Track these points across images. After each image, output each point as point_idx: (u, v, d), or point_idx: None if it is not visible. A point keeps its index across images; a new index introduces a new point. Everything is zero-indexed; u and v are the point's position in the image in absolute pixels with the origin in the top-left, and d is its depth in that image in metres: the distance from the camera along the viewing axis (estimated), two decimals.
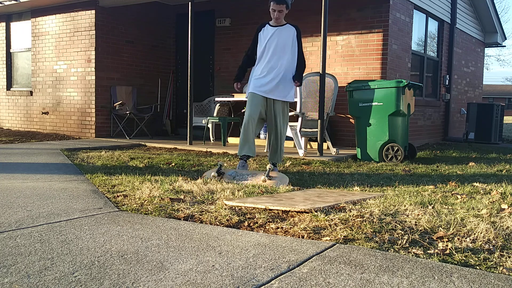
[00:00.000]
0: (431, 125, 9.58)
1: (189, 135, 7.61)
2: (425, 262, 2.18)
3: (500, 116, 10.16)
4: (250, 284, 1.89)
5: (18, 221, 2.80)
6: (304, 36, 8.16)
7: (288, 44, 4.84)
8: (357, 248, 2.38)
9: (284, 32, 4.86)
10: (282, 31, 4.86)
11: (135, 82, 9.37)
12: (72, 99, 9.06)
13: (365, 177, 4.86)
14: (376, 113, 6.26)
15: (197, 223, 2.87)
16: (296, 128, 6.60)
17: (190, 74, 7.54)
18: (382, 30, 7.44)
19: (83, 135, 8.92)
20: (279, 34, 4.85)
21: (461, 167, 5.86)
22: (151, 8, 9.53)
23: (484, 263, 2.19)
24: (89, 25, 8.68)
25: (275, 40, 4.84)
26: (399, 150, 6.17)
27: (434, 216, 3.02)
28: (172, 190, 3.82)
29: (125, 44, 9.17)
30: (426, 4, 8.74)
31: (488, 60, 56.22)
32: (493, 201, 3.55)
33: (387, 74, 7.43)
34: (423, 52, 9.19)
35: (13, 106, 10.27)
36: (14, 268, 2.02)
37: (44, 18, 9.49)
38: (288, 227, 2.79)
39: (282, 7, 4.78)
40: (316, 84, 6.53)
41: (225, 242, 2.45)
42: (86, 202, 3.37)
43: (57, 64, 9.28)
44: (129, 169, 5.12)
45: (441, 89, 9.94)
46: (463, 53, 10.93)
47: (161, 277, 1.95)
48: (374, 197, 3.60)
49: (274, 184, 4.19)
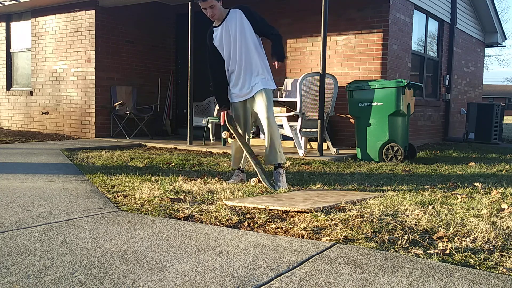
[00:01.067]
0: (431, 125, 9.58)
1: (189, 135, 7.61)
2: (425, 262, 2.18)
3: (500, 116, 10.16)
4: (250, 284, 1.89)
5: (18, 221, 2.80)
6: (304, 36, 8.17)
7: (242, 33, 4.15)
8: (357, 248, 2.38)
9: (231, 23, 4.17)
10: (228, 23, 4.18)
11: (135, 82, 9.37)
12: (72, 99, 9.06)
13: (365, 177, 4.86)
14: (376, 113, 6.26)
15: (197, 223, 2.87)
16: (296, 128, 6.60)
17: (190, 74, 7.54)
18: (382, 30, 7.44)
19: (83, 135, 8.91)
20: (226, 30, 4.19)
21: (461, 167, 5.86)
22: (151, 8, 9.53)
23: (484, 263, 2.19)
24: (89, 25, 8.68)
25: (227, 39, 4.19)
26: (399, 150, 6.17)
27: (434, 216, 3.02)
28: (172, 190, 3.82)
29: (125, 44, 9.17)
30: (426, 4, 8.74)
31: (488, 60, 56.23)
32: (493, 201, 3.55)
33: (387, 74, 7.43)
34: (423, 52, 9.19)
35: (13, 106, 10.27)
36: (14, 268, 2.02)
37: (44, 18, 9.49)
38: (288, 227, 2.79)
39: (211, 2, 4.10)
40: (316, 84, 6.53)
41: (225, 242, 2.45)
42: (86, 202, 3.37)
43: (57, 64, 9.28)
44: (129, 169, 5.12)
45: (441, 89, 9.94)
46: (463, 53, 10.93)
47: (161, 277, 1.95)
48: (374, 197, 3.60)
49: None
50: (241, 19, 4.14)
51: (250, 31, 4.15)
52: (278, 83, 8.44)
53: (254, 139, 8.03)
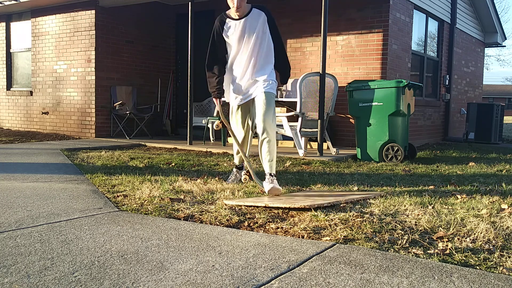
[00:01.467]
0: (431, 125, 9.58)
1: (189, 135, 7.61)
2: (425, 262, 2.18)
3: (500, 116, 10.16)
4: (250, 284, 1.89)
5: (18, 221, 2.80)
6: (304, 36, 8.17)
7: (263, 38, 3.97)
8: (357, 248, 2.38)
9: (252, 22, 3.94)
10: (249, 21, 3.95)
11: (135, 82, 9.37)
12: (72, 99, 9.06)
13: (365, 177, 4.86)
14: (376, 113, 6.26)
15: (197, 223, 2.87)
16: (296, 128, 6.60)
17: (190, 74, 7.54)
18: (382, 30, 7.44)
19: (83, 135, 8.92)
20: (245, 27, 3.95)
21: (461, 167, 5.86)
22: (151, 8, 9.53)
23: (484, 263, 2.19)
24: (89, 25, 8.68)
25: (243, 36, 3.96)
26: (399, 150, 6.17)
27: (434, 216, 3.02)
28: (172, 190, 3.82)
29: (125, 44, 9.17)
30: (426, 4, 8.74)
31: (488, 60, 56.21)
32: (493, 201, 3.55)
33: (387, 74, 7.43)
34: (423, 52, 9.18)
35: (13, 106, 10.27)
36: (14, 268, 2.02)
37: (44, 18, 9.49)
38: (288, 227, 2.79)
39: None
40: (316, 84, 6.53)
41: (225, 242, 2.45)
42: (86, 202, 3.37)
43: (57, 64, 9.28)
44: (129, 169, 5.12)
45: (441, 89, 9.94)
46: (463, 53, 10.93)
47: (161, 277, 1.95)
48: (374, 197, 3.60)
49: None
50: (264, 23, 3.97)
51: (269, 38, 4.02)
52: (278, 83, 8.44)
53: (254, 139, 8.02)
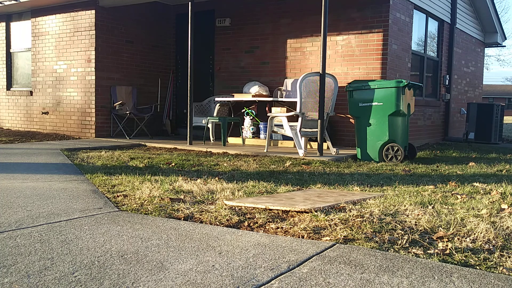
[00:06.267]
0: (431, 125, 9.58)
1: (189, 135, 7.61)
2: (425, 262, 2.18)
3: (500, 116, 10.16)
4: (250, 284, 1.89)
5: (18, 221, 2.80)
6: (304, 36, 8.17)
7: None
8: (357, 248, 2.38)
9: None
10: None
11: (135, 82, 9.37)
12: (72, 99, 9.06)
13: (365, 177, 4.86)
14: (376, 113, 6.26)
15: (197, 223, 2.87)
16: (296, 128, 6.60)
17: (190, 74, 7.53)
18: (382, 30, 7.44)
19: (83, 135, 8.91)
20: None
21: (461, 167, 5.86)
22: (151, 8, 9.53)
23: (484, 263, 2.19)
24: (89, 25, 8.68)
25: None
26: (399, 150, 6.17)
27: (434, 216, 3.02)
28: (172, 190, 3.82)
29: (125, 44, 9.16)
30: (426, 4, 8.74)
31: (488, 60, 56.14)
32: (493, 201, 3.55)
33: (387, 74, 7.43)
34: (423, 52, 9.18)
35: (13, 106, 10.27)
36: (14, 268, 2.02)
37: (44, 18, 9.49)
38: (288, 227, 2.79)
39: None
40: (316, 84, 6.53)
41: (225, 242, 2.45)
42: (86, 202, 3.37)
43: (57, 64, 9.28)
44: (129, 169, 5.12)
45: (441, 89, 9.94)
46: (463, 53, 10.93)
47: (161, 277, 1.95)
48: (374, 197, 3.60)
49: None
50: None
51: None
52: (278, 83, 8.45)
53: (254, 139, 8.04)
